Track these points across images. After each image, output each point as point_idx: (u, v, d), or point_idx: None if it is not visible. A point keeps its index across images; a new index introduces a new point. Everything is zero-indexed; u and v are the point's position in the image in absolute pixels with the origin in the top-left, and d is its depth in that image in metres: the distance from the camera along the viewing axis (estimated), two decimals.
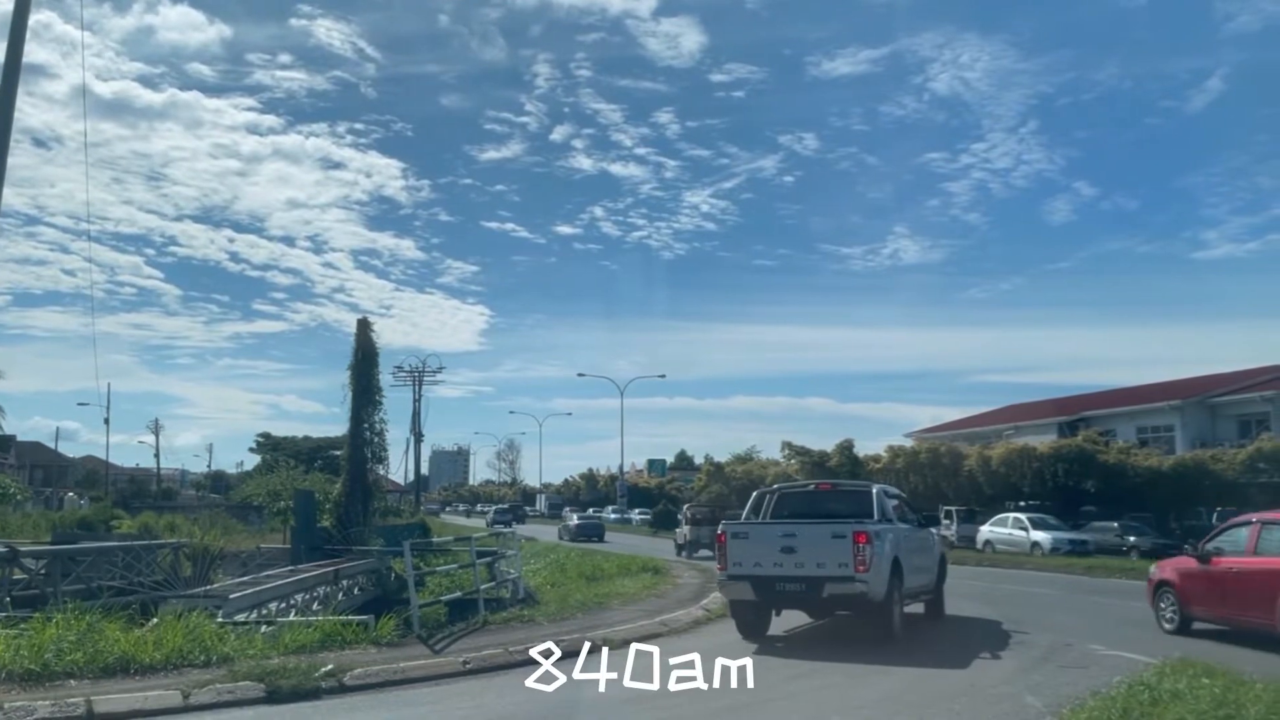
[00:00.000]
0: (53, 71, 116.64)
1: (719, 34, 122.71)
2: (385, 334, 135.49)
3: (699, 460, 76.40)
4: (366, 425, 19.41)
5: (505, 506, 75.60)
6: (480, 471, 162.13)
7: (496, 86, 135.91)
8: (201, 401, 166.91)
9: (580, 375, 76.81)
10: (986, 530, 34.44)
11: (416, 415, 43.88)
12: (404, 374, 43.72)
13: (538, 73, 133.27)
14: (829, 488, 15.96)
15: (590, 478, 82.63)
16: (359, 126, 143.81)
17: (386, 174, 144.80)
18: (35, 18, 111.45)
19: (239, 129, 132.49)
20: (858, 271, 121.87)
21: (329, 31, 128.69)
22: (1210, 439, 46.93)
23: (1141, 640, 12.46)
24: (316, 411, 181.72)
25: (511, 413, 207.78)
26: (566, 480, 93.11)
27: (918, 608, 14.64)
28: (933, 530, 15.61)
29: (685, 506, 41.45)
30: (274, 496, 31.60)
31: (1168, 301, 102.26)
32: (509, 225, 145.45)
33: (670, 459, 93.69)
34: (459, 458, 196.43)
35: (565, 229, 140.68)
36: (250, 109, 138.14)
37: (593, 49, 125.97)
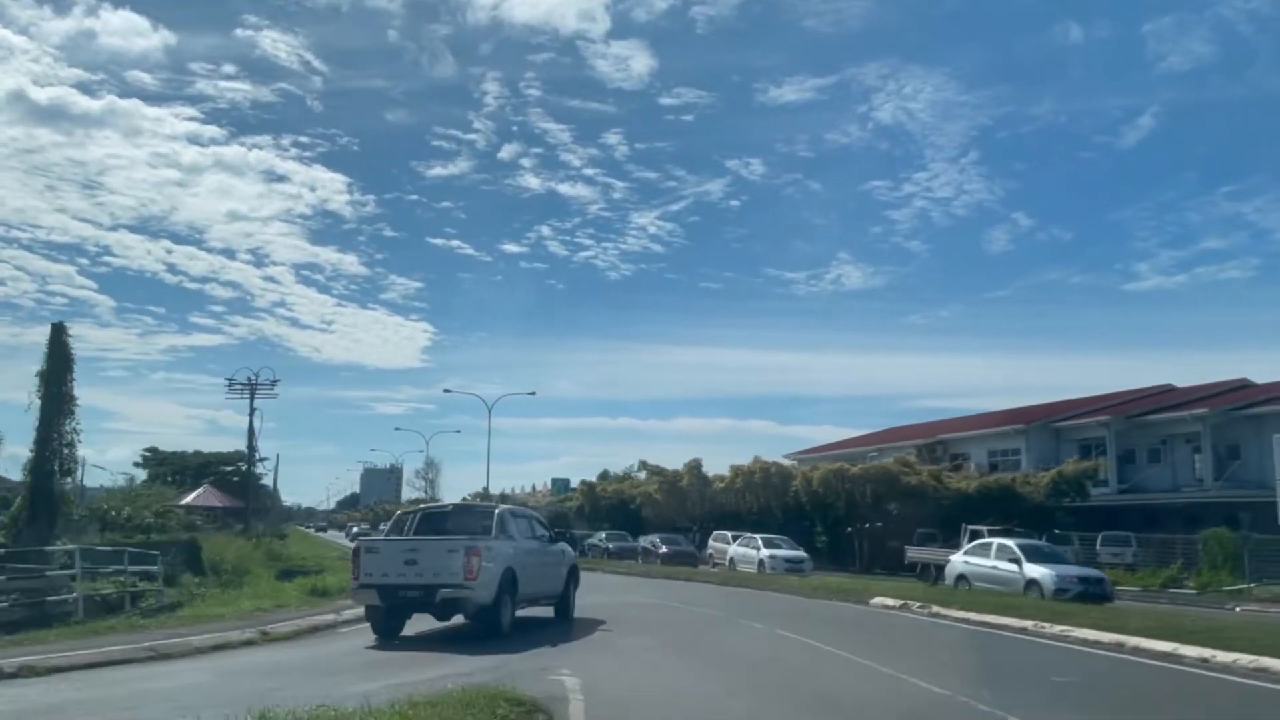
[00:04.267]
0: None
1: (669, 58, 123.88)
2: (326, 349, 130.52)
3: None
4: (56, 436, 18.98)
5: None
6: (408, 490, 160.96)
7: (445, 103, 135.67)
8: (134, 415, 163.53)
9: (446, 391, 76.32)
10: (959, 561, 24.50)
11: (252, 431, 43.28)
12: (239, 386, 43.10)
13: (487, 91, 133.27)
14: (463, 509, 17.37)
15: (484, 496, 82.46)
16: (304, 140, 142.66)
17: (331, 188, 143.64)
18: None
19: (179, 139, 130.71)
20: (801, 296, 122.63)
21: (275, 43, 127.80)
22: (1054, 462, 48.06)
23: None
24: (255, 426, 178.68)
25: (397, 428, 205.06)
26: (464, 498, 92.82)
27: (548, 611, 16.22)
28: (562, 544, 17.25)
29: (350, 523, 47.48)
30: None
31: (1100, 330, 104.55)
32: (455, 242, 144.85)
33: (593, 478, 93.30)
34: (391, 475, 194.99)
35: (512, 247, 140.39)
36: (192, 119, 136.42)
37: (543, 69, 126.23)
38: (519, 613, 14.58)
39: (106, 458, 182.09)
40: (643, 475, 51.79)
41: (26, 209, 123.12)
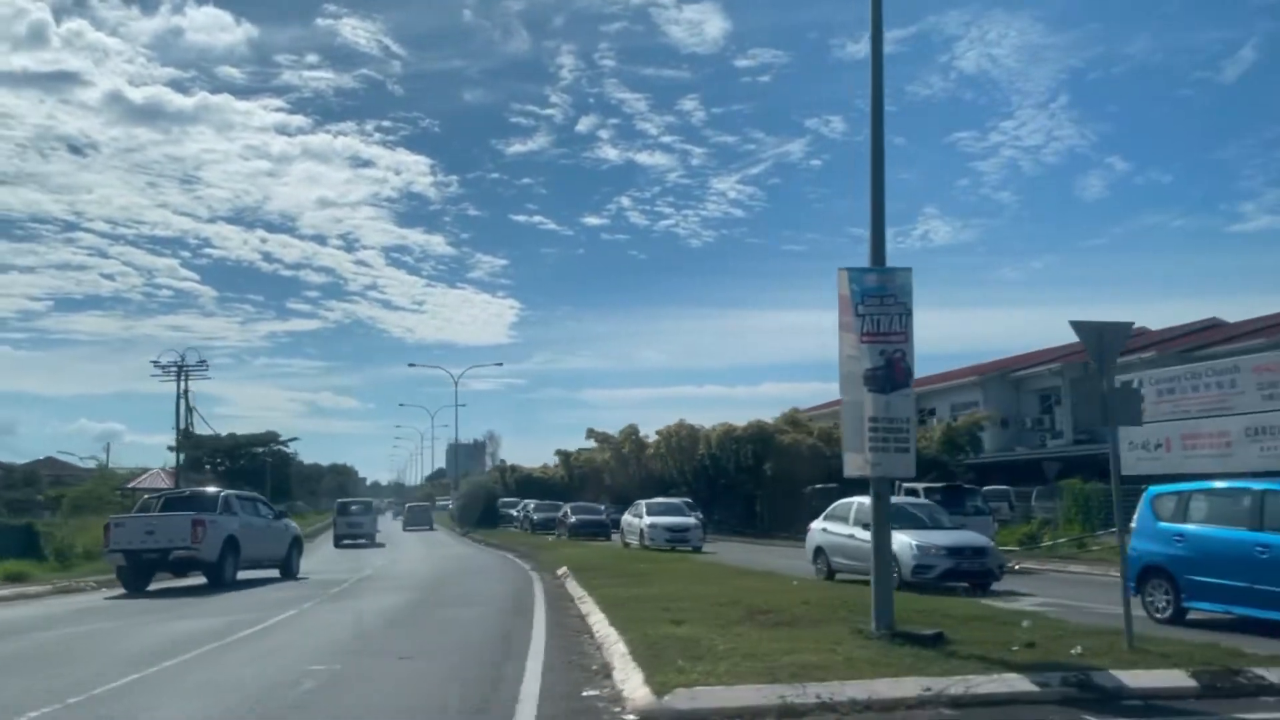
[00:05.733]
0: (86, 79, 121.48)
1: (742, 19, 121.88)
2: (418, 330, 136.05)
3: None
4: None
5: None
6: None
7: (521, 79, 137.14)
8: (240, 400, 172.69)
9: (411, 365, 76.42)
10: (817, 530, 18.97)
11: (188, 410, 44.68)
12: (163, 368, 44.51)
13: (562, 64, 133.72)
14: (196, 494, 21.61)
15: (503, 469, 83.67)
16: (386, 124, 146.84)
17: (415, 170, 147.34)
18: (66, 26, 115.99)
19: (269, 130, 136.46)
20: (889, 253, 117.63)
21: (354, 30, 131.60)
22: (1015, 414, 45.84)
23: None
24: (352, 408, 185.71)
25: (401, 404, 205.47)
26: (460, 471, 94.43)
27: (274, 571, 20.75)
28: (286, 520, 22.49)
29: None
30: None
31: (1204, 275, 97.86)
32: (537, 218, 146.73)
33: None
34: (476, 450, 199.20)
35: (593, 220, 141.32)
36: (279, 110, 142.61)
37: (616, 39, 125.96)
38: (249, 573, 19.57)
39: None
40: (594, 442, 51.47)
41: (130, 206, 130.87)
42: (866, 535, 15.01)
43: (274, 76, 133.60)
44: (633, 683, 7.21)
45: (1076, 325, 8.57)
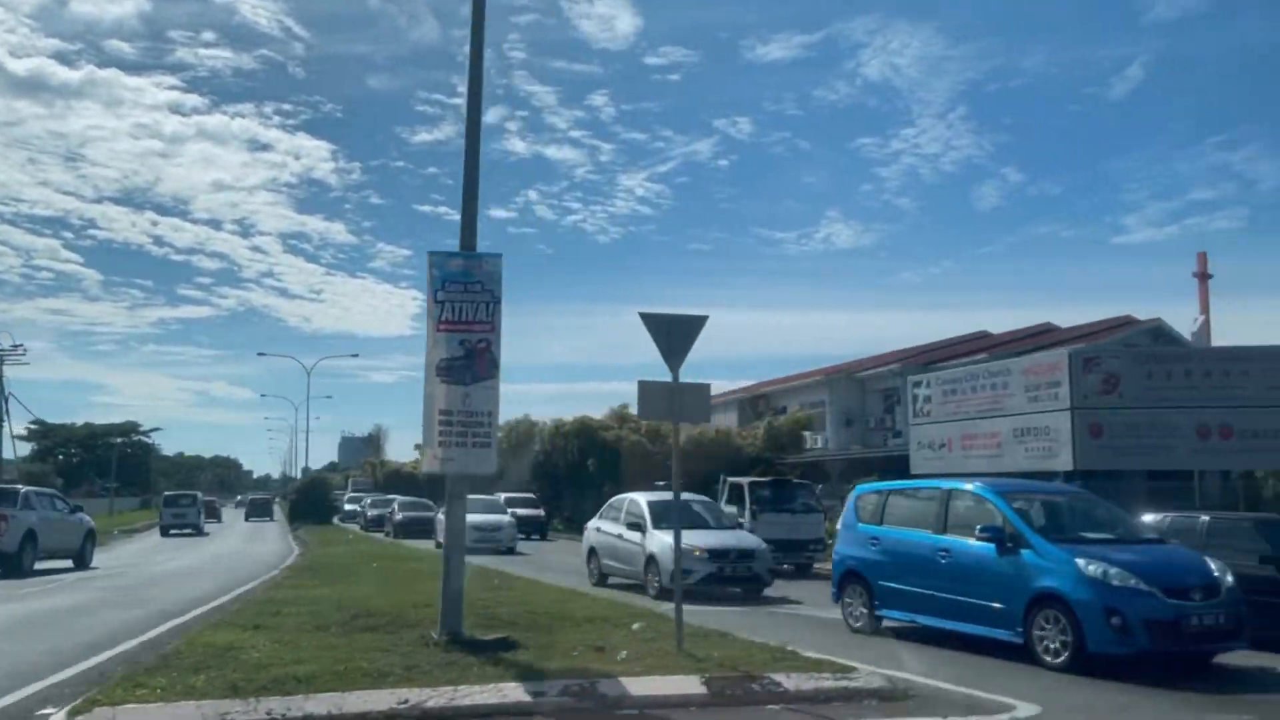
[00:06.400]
0: None
1: (654, 17, 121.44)
2: (316, 319, 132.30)
3: None
4: None
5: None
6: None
7: (428, 68, 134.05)
8: (126, 389, 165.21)
9: (260, 354, 74.66)
10: (592, 530, 18.20)
11: (4, 398, 42.34)
12: None
13: (470, 53, 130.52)
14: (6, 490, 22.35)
15: (373, 464, 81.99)
16: (287, 107, 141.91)
17: (316, 156, 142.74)
18: None
19: (161, 108, 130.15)
20: (792, 255, 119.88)
21: (254, 9, 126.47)
22: (859, 412, 46.57)
23: None
24: (248, 398, 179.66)
25: (263, 394, 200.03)
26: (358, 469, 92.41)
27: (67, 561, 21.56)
28: (81, 514, 23.18)
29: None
30: None
31: (1090, 286, 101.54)
32: (442, 209, 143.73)
33: None
34: (370, 444, 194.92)
35: (499, 213, 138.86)
36: (173, 88, 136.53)
37: (526, 30, 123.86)
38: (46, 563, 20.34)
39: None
40: None
41: (9, 183, 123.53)
42: (634, 536, 16.13)
43: (168, 53, 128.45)
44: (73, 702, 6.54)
45: (645, 316, 8.24)
